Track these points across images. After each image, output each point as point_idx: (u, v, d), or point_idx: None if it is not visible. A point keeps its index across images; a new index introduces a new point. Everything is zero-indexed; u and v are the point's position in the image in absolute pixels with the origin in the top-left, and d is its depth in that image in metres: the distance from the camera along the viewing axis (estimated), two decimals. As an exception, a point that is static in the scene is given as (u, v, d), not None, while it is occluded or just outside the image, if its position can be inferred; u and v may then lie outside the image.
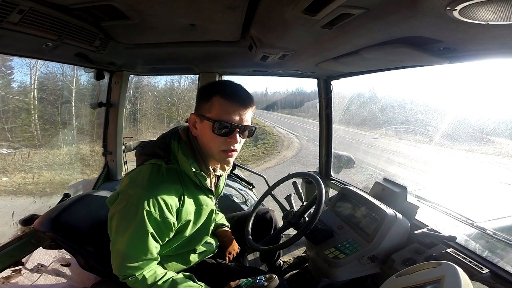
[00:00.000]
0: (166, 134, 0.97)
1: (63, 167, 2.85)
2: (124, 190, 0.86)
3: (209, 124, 0.86)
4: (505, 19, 0.59)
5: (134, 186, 0.85)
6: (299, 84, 79.43)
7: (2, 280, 1.57)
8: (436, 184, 4.73)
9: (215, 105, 0.87)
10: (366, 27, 0.82)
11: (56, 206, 1.17)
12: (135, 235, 0.82)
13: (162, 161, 0.89)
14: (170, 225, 0.86)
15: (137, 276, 0.85)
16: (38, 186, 3.15)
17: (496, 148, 8.40)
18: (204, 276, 0.98)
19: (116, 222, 0.84)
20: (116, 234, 0.85)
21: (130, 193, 0.84)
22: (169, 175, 0.88)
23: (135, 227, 0.81)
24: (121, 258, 0.84)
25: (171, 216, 0.85)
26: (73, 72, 2.70)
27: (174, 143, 0.92)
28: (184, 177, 0.90)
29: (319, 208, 1.11)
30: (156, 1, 0.87)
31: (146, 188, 0.83)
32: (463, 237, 1.16)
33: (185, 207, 0.90)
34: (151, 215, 0.81)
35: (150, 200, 0.81)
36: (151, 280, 0.86)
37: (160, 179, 0.86)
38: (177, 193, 0.87)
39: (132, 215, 0.81)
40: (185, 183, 0.90)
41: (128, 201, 0.83)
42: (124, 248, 0.83)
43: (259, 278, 0.87)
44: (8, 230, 1.55)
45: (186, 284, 0.89)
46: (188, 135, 0.95)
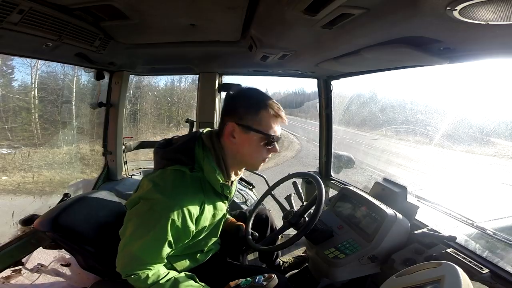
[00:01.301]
0: (189, 139, 0.95)
1: (62, 166, 2.85)
2: (147, 195, 0.85)
3: (258, 137, 0.90)
4: (505, 19, 0.59)
5: (158, 192, 0.83)
6: (299, 84, 79.60)
7: (2, 280, 1.57)
8: (435, 184, 4.72)
9: (266, 119, 0.90)
10: (366, 27, 0.82)
11: (56, 206, 1.17)
12: (153, 241, 0.82)
13: (186, 168, 0.88)
14: (190, 233, 0.87)
15: (140, 275, 0.85)
16: (37, 185, 3.15)
17: (496, 150, 8.40)
18: (205, 274, 0.98)
19: (134, 225, 0.84)
20: (132, 236, 0.84)
21: (154, 199, 0.83)
22: (193, 183, 0.88)
23: (155, 234, 0.81)
24: (130, 259, 0.84)
25: (192, 224, 0.86)
26: (74, 72, 2.70)
27: (199, 150, 0.91)
28: (206, 184, 0.90)
29: (319, 208, 1.11)
30: (156, 1, 0.87)
31: (171, 197, 0.82)
32: (463, 237, 1.16)
33: (204, 214, 0.90)
34: (174, 223, 0.81)
35: (175, 210, 0.81)
36: (153, 279, 0.85)
37: (185, 188, 0.85)
38: (199, 202, 0.87)
39: (154, 222, 0.81)
40: (207, 191, 0.90)
41: (152, 207, 0.82)
42: (138, 251, 0.83)
43: (258, 277, 0.87)
44: (8, 230, 1.55)
45: (187, 284, 0.89)
46: (213, 142, 0.93)
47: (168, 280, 0.87)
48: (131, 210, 0.87)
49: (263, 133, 0.90)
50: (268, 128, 0.90)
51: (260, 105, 0.90)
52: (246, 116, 0.90)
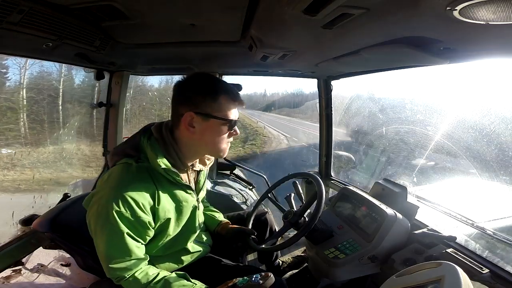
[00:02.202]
0: (137, 133, 0.95)
1: (47, 165, 2.85)
2: (96, 192, 0.86)
3: (220, 123, 0.89)
4: (505, 19, 0.59)
5: (104, 188, 0.84)
6: (298, 85, 79.95)
7: (2, 280, 1.57)
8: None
9: (224, 105, 0.90)
10: (366, 27, 0.82)
11: (55, 206, 1.17)
12: (111, 236, 0.82)
13: (132, 159, 0.88)
14: (145, 223, 0.85)
15: (128, 278, 0.85)
16: (15, 183, 3.15)
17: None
18: (200, 275, 0.98)
19: (93, 225, 0.84)
20: (95, 237, 0.84)
21: (100, 195, 0.83)
22: (140, 174, 0.86)
23: (109, 229, 0.81)
24: (105, 260, 0.84)
25: (144, 215, 0.84)
26: (60, 71, 2.65)
27: (144, 141, 0.90)
28: (156, 175, 0.88)
29: (319, 208, 1.11)
30: (156, 1, 0.87)
31: (115, 188, 0.82)
32: (463, 237, 1.16)
33: (162, 205, 0.88)
34: (122, 215, 0.80)
35: (119, 200, 0.80)
36: (144, 281, 0.85)
37: (130, 178, 0.84)
38: (149, 192, 0.85)
39: (104, 217, 0.81)
40: (159, 181, 0.88)
41: (99, 203, 0.82)
42: (104, 250, 0.83)
43: (254, 276, 0.87)
44: (8, 230, 1.55)
45: (179, 283, 0.88)
46: (161, 132, 0.92)
47: (159, 281, 0.87)
48: (88, 210, 0.87)
49: (224, 119, 0.89)
50: (228, 114, 0.90)
51: (218, 91, 0.89)
52: (204, 103, 0.88)
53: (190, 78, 0.93)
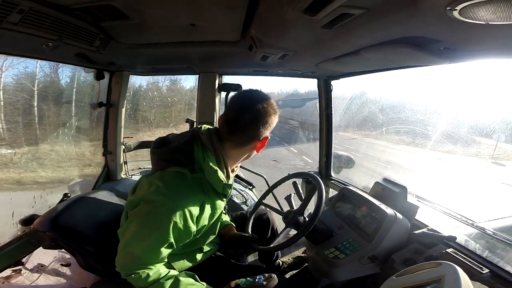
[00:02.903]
0: (187, 140, 0.93)
1: (18, 166, 2.88)
2: (148, 197, 0.85)
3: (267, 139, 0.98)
4: (505, 19, 0.59)
5: (160, 194, 0.84)
6: (295, 85, 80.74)
7: (2, 280, 1.57)
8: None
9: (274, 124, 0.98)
10: (366, 27, 0.82)
11: (56, 206, 1.17)
12: (155, 243, 0.83)
13: (187, 169, 0.88)
14: (191, 233, 0.88)
15: (140, 274, 0.85)
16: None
17: (481, 149, 8.46)
18: (205, 274, 0.98)
19: (136, 227, 0.84)
20: (134, 238, 0.84)
21: (155, 201, 0.83)
22: (194, 185, 0.88)
23: (157, 236, 0.82)
24: (131, 260, 0.84)
25: (193, 225, 0.87)
26: (35, 71, 2.65)
27: (198, 151, 0.91)
28: (206, 185, 0.91)
29: (319, 208, 1.11)
30: (156, 1, 0.87)
31: (172, 199, 0.83)
32: (463, 237, 1.16)
33: (204, 214, 0.91)
34: (176, 225, 0.82)
35: (177, 212, 0.82)
36: (154, 278, 0.85)
37: (186, 189, 0.86)
38: (200, 202, 0.89)
39: (156, 224, 0.82)
40: (207, 192, 0.91)
41: (153, 209, 0.83)
42: (139, 252, 0.83)
43: (258, 277, 0.87)
44: (8, 230, 1.55)
45: (188, 283, 0.89)
46: (212, 142, 0.93)
47: (168, 279, 0.87)
48: (132, 211, 0.87)
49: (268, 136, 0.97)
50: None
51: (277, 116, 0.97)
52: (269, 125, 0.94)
53: (268, 103, 0.94)
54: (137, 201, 0.87)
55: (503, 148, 8.44)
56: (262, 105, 0.91)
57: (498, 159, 8.30)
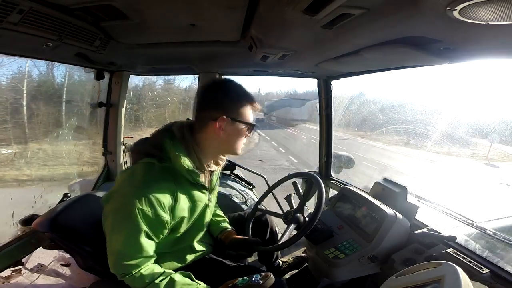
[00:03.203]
0: (159, 132, 0.98)
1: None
2: (118, 189, 0.88)
3: (243, 127, 0.98)
4: (505, 19, 0.59)
5: (128, 185, 0.87)
6: (292, 85, 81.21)
7: (2, 280, 1.57)
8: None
9: (248, 111, 0.99)
10: (366, 27, 0.82)
11: (55, 206, 1.17)
12: (130, 233, 0.83)
13: (155, 159, 0.91)
14: (164, 222, 0.87)
15: (134, 274, 0.85)
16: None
17: (476, 150, 8.43)
18: (200, 274, 0.98)
19: (111, 221, 0.86)
20: (112, 233, 0.86)
21: (123, 192, 0.86)
22: (162, 174, 0.89)
23: (129, 226, 0.83)
24: (117, 257, 0.85)
25: (164, 214, 0.86)
26: (24, 69, 2.65)
27: (167, 141, 0.93)
28: (177, 175, 0.91)
29: (319, 208, 1.11)
30: (156, 1, 0.87)
31: (139, 187, 0.85)
32: (463, 237, 1.16)
33: (179, 205, 0.91)
34: (144, 213, 0.82)
35: (143, 199, 0.82)
36: (149, 279, 0.86)
37: (153, 178, 0.87)
38: (170, 191, 0.88)
39: (126, 214, 0.82)
40: (179, 181, 0.92)
41: (122, 200, 0.84)
42: (120, 246, 0.84)
43: (254, 276, 0.87)
44: (8, 230, 1.55)
45: (184, 282, 0.89)
46: (183, 133, 0.96)
47: (163, 279, 0.87)
48: (106, 206, 0.89)
49: (248, 124, 0.98)
50: (250, 118, 0.99)
51: (245, 98, 0.98)
52: (234, 108, 0.96)
53: (219, 84, 1.03)
54: (109, 194, 0.89)
55: (500, 149, 8.42)
56: (210, 86, 1.00)
57: (493, 161, 8.29)
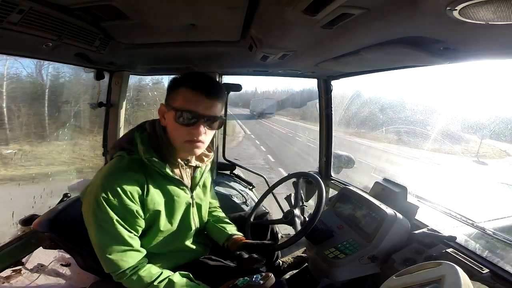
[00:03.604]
0: (133, 128, 0.99)
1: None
2: (90, 183, 0.89)
3: (173, 113, 0.87)
4: (505, 19, 0.59)
5: (96, 179, 0.88)
6: (288, 83, 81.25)
7: (2, 280, 1.57)
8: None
9: (181, 94, 0.87)
10: (366, 27, 0.82)
11: (55, 206, 1.17)
12: (102, 223, 0.83)
13: (125, 152, 0.91)
14: (133, 212, 0.86)
15: (131, 276, 0.85)
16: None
17: (468, 147, 8.31)
18: (200, 275, 0.98)
19: (86, 214, 0.86)
20: (88, 226, 0.86)
21: (92, 185, 0.87)
22: (130, 165, 0.88)
23: (99, 216, 0.83)
24: (99, 251, 0.85)
25: (131, 203, 0.85)
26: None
27: (137, 134, 0.93)
28: (147, 167, 0.90)
29: (319, 208, 1.11)
30: (156, 1, 0.87)
31: (104, 178, 0.85)
32: (463, 237, 1.16)
33: (151, 197, 0.90)
34: (109, 201, 0.82)
35: (107, 188, 0.82)
36: (147, 280, 0.85)
37: (120, 169, 0.87)
38: (139, 182, 0.87)
39: (94, 205, 0.83)
40: (149, 174, 0.90)
41: (91, 192, 0.85)
42: (96, 238, 0.84)
43: (255, 276, 0.87)
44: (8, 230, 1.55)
45: (183, 283, 0.88)
46: (154, 126, 0.95)
47: (162, 281, 0.87)
48: (83, 202, 0.89)
49: (175, 109, 0.86)
50: (184, 104, 0.86)
51: (180, 82, 0.89)
52: (168, 95, 0.91)
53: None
54: (83, 190, 0.90)
55: (493, 145, 8.30)
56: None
57: (484, 157, 8.16)
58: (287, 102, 37.18)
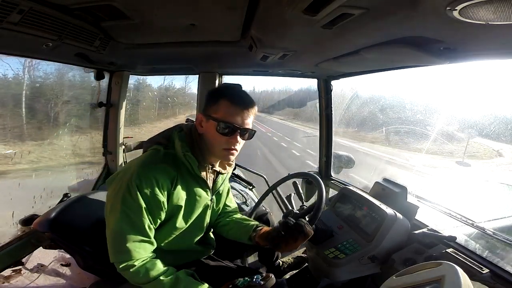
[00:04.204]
0: (170, 127, 1.03)
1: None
2: (121, 171, 0.91)
3: (214, 124, 0.94)
4: (505, 19, 0.59)
5: (130, 167, 0.90)
6: (286, 83, 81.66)
7: (2, 280, 1.57)
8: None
9: (222, 107, 0.94)
10: (366, 27, 0.82)
11: (55, 206, 1.17)
12: (127, 210, 0.84)
13: (161, 146, 0.96)
14: (160, 203, 0.88)
15: (138, 268, 0.84)
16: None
17: (460, 146, 8.02)
18: (201, 275, 0.97)
19: (111, 201, 0.88)
20: (110, 213, 0.87)
21: (125, 172, 0.89)
22: (165, 158, 0.92)
23: (127, 202, 0.84)
24: (115, 238, 0.85)
25: (161, 194, 0.88)
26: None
27: (175, 133, 0.99)
28: (179, 163, 0.94)
29: (319, 208, 1.11)
30: (156, 1, 0.87)
31: (140, 167, 0.88)
32: (463, 237, 1.16)
33: (177, 191, 0.92)
34: (142, 189, 0.84)
35: (142, 176, 0.85)
36: (153, 274, 0.85)
37: (155, 161, 0.91)
38: (170, 176, 0.91)
39: (126, 190, 0.84)
40: (180, 169, 0.94)
41: (123, 178, 0.87)
42: (116, 225, 0.85)
43: (255, 277, 0.87)
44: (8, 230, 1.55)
45: (189, 281, 0.89)
46: (190, 129, 1.00)
47: (168, 276, 0.87)
48: (109, 188, 0.91)
49: (217, 120, 0.93)
50: (225, 116, 0.93)
51: (221, 95, 0.96)
52: (208, 105, 0.97)
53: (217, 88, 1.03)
54: (112, 177, 0.92)
55: (486, 144, 8.04)
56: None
57: (474, 158, 7.89)
58: (283, 103, 37.46)
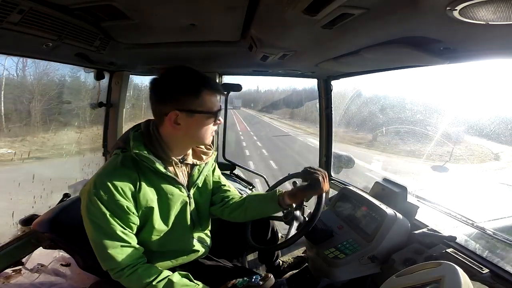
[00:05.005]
0: (130, 128, 0.99)
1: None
2: (87, 181, 0.91)
3: (205, 117, 0.91)
4: (505, 19, 0.59)
5: (93, 176, 0.89)
6: (290, 83, 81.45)
7: (2, 280, 1.56)
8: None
9: (206, 99, 0.91)
10: (366, 27, 0.82)
11: (55, 206, 1.17)
12: (94, 219, 0.84)
13: (119, 150, 0.92)
14: (124, 207, 0.86)
15: (131, 275, 0.84)
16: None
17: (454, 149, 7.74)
18: (199, 275, 0.97)
19: (82, 213, 0.87)
20: (85, 224, 0.87)
21: (88, 183, 0.88)
22: (124, 162, 0.89)
23: (92, 212, 0.84)
24: (95, 247, 0.86)
25: (122, 199, 0.85)
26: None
27: (132, 133, 0.94)
28: (140, 164, 0.90)
29: (319, 208, 1.11)
30: (156, 1, 0.87)
31: (98, 175, 0.87)
32: (463, 237, 1.16)
33: (143, 193, 0.89)
34: (101, 197, 0.83)
35: (99, 185, 0.84)
36: (146, 279, 0.85)
37: (113, 166, 0.89)
38: (131, 178, 0.88)
39: (88, 202, 0.84)
40: (142, 171, 0.90)
41: (85, 190, 0.87)
42: (92, 235, 0.85)
43: (254, 277, 0.87)
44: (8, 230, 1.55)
45: (183, 283, 0.88)
46: (148, 126, 0.95)
47: (161, 280, 0.86)
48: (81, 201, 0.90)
49: (209, 113, 0.91)
50: (212, 106, 0.91)
51: (199, 87, 0.90)
52: (189, 101, 0.89)
53: (168, 75, 0.93)
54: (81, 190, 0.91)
55: (486, 146, 7.75)
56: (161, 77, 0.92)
57: (461, 161, 7.56)
58: (281, 103, 37.53)
